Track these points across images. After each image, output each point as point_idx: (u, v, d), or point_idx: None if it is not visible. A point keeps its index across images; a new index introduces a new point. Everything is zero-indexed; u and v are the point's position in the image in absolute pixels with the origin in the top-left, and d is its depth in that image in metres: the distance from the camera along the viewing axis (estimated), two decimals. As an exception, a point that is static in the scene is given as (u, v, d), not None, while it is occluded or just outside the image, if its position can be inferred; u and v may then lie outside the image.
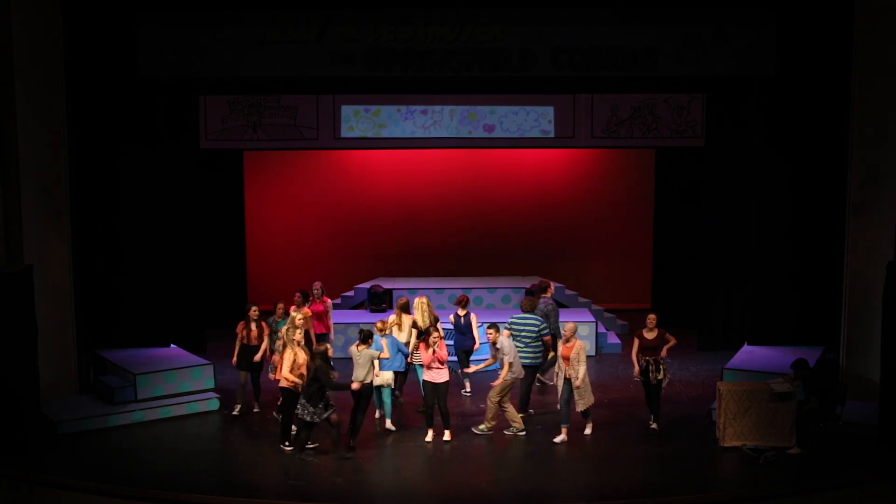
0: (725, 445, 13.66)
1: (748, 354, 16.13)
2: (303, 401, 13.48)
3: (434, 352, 14.03)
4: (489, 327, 14.44)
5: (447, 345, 14.66)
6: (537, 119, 19.69)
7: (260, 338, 15.15)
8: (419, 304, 15.62)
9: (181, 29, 16.05)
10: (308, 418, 13.44)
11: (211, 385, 15.75)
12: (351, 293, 20.25)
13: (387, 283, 19.84)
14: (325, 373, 13.38)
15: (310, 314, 15.41)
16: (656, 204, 21.04)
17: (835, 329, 15.88)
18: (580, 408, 14.11)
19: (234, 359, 15.30)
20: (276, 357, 14.62)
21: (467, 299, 16.35)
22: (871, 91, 14.98)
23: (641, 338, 14.47)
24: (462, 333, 16.02)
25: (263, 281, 21.52)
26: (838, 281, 15.75)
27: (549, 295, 16.47)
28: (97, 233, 16.34)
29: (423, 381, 14.30)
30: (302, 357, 13.80)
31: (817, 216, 16.33)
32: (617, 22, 16.14)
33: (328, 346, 13.95)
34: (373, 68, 16.21)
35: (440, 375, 14.12)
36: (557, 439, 14.10)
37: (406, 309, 15.66)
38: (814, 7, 15.87)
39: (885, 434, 13.65)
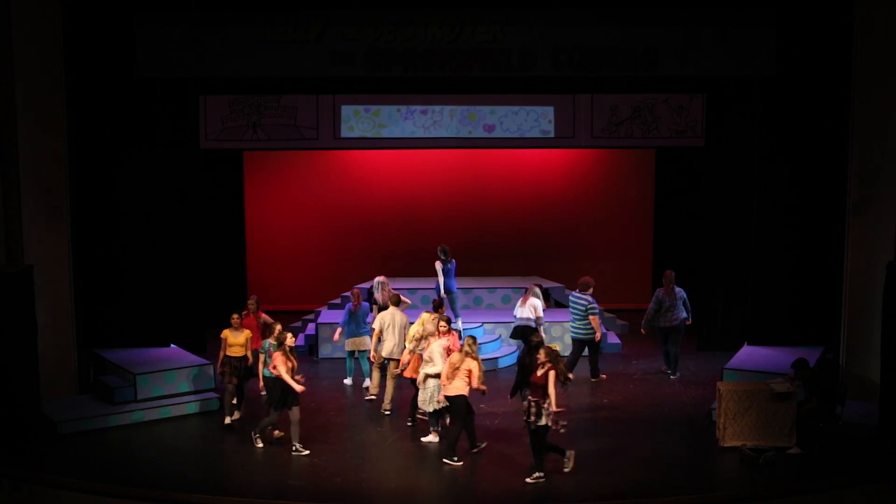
0: (725, 445, 13.66)
1: (748, 354, 16.13)
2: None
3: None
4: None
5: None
6: (537, 119, 19.68)
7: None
8: (378, 284, 17.03)
9: (181, 29, 16.06)
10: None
11: (211, 385, 15.74)
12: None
13: (387, 284, 19.83)
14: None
15: (251, 335, 15.01)
16: (656, 204, 21.05)
17: (835, 329, 15.88)
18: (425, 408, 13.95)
19: (264, 391, 14.15)
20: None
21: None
22: (871, 91, 14.99)
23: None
24: (450, 277, 18.05)
25: (263, 281, 21.52)
26: (838, 281, 15.75)
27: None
28: (97, 233, 16.34)
29: None
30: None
31: (817, 216, 16.33)
32: (617, 22, 16.14)
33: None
34: (373, 68, 16.21)
35: None
36: (425, 439, 14.04)
37: (537, 294, 17.18)
38: (814, 7, 15.88)
39: (885, 434, 13.66)
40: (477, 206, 21.73)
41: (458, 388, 13.31)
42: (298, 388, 13.58)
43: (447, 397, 13.43)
